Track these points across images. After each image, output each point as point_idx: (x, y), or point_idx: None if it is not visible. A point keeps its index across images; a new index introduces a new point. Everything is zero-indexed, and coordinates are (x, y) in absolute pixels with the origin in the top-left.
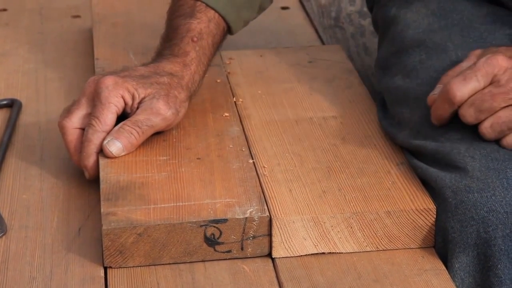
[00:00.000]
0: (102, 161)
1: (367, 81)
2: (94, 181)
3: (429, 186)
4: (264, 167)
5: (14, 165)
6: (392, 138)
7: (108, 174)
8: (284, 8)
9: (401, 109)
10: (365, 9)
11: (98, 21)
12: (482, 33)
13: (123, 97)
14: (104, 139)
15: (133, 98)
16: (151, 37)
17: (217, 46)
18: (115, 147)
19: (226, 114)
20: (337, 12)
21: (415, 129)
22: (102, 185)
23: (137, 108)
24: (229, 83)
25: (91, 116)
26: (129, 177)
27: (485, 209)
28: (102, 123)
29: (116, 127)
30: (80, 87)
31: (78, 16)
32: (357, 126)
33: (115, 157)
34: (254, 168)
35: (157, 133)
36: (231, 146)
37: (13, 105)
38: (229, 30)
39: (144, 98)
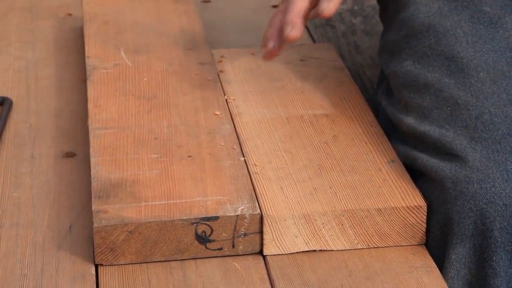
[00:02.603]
0: (93, 159)
1: (358, 79)
2: (85, 179)
3: (429, 177)
4: (255, 164)
5: (4, 163)
6: (397, 123)
7: (99, 171)
8: (275, 6)
9: (409, 94)
10: (356, 7)
11: (89, 19)
12: (492, 18)
13: None
14: None
15: None
16: (142, 35)
17: None
18: None
19: (217, 112)
20: None
21: (422, 114)
22: (93, 183)
23: None
24: (220, 81)
25: None
26: (120, 175)
27: (484, 200)
28: None
29: None
30: (71, 85)
31: (69, 14)
32: (348, 124)
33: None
34: (245, 166)
35: (148, 131)
36: (222, 144)
37: (3, 103)
38: None
39: None
